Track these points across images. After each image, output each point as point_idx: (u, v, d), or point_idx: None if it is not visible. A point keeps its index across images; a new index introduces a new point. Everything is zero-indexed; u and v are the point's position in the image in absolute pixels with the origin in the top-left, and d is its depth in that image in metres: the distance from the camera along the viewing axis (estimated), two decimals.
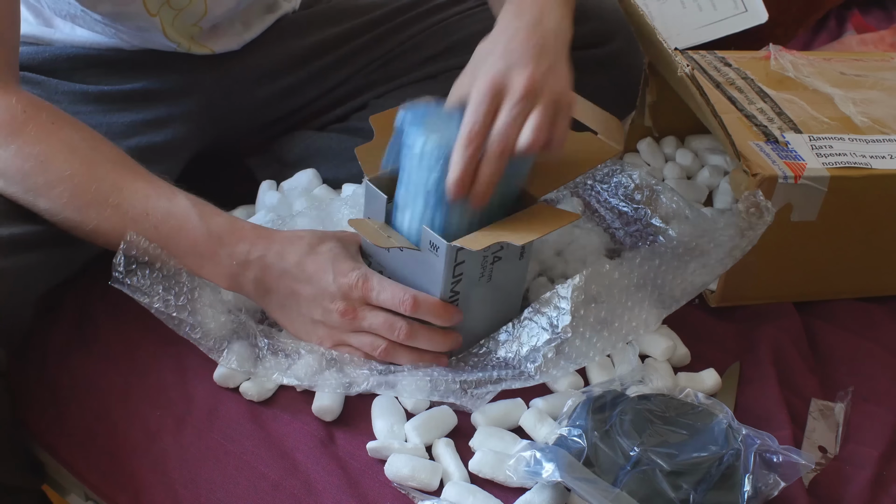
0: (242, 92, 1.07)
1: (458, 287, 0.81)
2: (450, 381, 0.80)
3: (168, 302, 0.82)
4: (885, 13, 1.65)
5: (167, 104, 1.01)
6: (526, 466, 0.74)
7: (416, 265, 0.81)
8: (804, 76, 1.12)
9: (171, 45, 0.97)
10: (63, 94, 0.96)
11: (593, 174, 1.04)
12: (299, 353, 0.83)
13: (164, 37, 0.95)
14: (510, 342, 0.82)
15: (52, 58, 0.97)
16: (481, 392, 0.80)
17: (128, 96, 0.99)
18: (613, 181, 1.04)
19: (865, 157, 0.95)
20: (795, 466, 0.74)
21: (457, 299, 0.81)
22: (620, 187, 1.03)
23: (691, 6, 1.40)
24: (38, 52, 0.97)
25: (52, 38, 0.98)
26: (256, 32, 1.06)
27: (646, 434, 0.74)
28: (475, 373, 0.81)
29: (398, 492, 0.76)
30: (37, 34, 0.98)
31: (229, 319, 0.85)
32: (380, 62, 1.13)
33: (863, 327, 0.98)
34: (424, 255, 0.79)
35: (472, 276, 0.81)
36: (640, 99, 1.16)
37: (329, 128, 1.13)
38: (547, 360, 0.80)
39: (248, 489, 0.78)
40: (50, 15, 0.97)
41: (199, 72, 1.03)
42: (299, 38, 1.10)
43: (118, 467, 0.83)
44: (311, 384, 0.82)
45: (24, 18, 0.97)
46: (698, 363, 0.90)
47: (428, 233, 0.78)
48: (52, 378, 0.89)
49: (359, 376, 0.81)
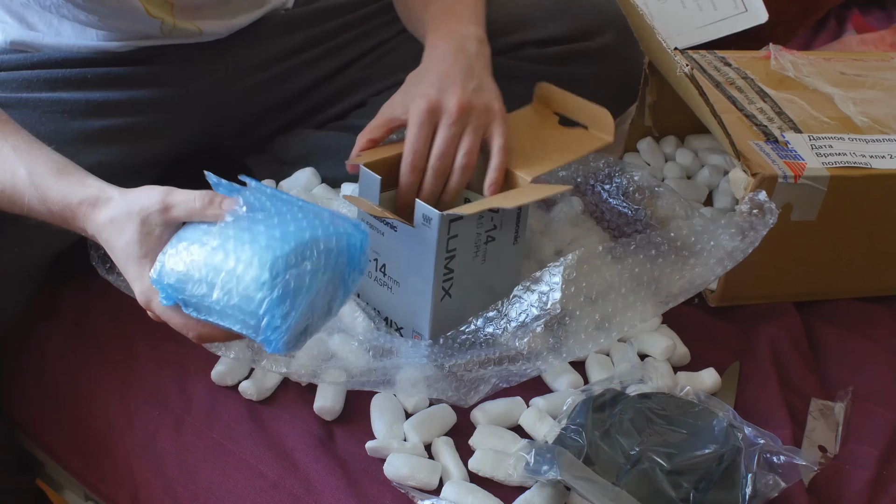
0: (232, 82, 1.06)
1: (453, 265, 0.81)
2: (444, 371, 0.79)
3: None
4: (885, 13, 1.65)
5: (152, 88, 1.00)
6: (526, 465, 0.74)
7: (410, 245, 0.81)
8: (804, 76, 1.12)
9: (155, 21, 0.95)
10: (44, 81, 0.95)
11: (595, 175, 1.04)
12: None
13: (146, 13, 0.94)
14: (498, 319, 0.80)
15: (39, 62, 0.97)
16: (478, 386, 0.79)
17: (112, 82, 0.98)
18: (614, 182, 1.04)
19: (865, 156, 0.95)
20: (796, 468, 0.74)
21: (451, 279, 0.81)
22: (621, 188, 1.03)
23: (691, 6, 1.40)
24: (26, 58, 0.97)
25: (40, 42, 0.98)
26: (244, 21, 1.05)
27: (646, 433, 0.74)
28: (464, 354, 0.80)
29: (398, 491, 0.76)
30: (24, 39, 0.97)
31: None
32: (374, 55, 1.13)
33: (863, 327, 0.98)
34: (418, 230, 0.80)
35: (467, 255, 0.81)
36: (640, 99, 1.16)
37: (328, 126, 1.13)
38: (536, 337, 0.79)
39: (248, 488, 0.78)
40: (34, 20, 0.97)
41: (190, 63, 1.02)
42: (291, 33, 1.10)
43: (117, 467, 0.83)
44: (310, 378, 0.82)
45: (7, 23, 0.97)
46: (698, 363, 0.90)
47: (420, 206, 0.79)
48: (50, 378, 0.89)
49: (358, 372, 0.81)
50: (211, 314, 0.66)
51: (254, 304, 0.63)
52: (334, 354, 0.82)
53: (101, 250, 0.78)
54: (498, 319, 0.81)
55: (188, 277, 0.66)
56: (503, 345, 0.80)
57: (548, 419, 0.80)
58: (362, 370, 0.81)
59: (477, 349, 0.80)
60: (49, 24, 0.97)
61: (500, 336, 0.80)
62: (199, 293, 0.66)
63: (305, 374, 0.82)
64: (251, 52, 1.06)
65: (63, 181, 0.75)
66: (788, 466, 0.74)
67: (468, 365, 0.79)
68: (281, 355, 0.65)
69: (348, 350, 0.82)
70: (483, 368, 0.79)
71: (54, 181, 0.75)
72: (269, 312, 0.63)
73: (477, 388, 0.79)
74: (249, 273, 0.63)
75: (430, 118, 0.84)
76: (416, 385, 0.80)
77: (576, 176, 1.03)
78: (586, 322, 0.80)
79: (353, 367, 0.81)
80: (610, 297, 0.81)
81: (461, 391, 0.79)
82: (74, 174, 0.76)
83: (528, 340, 0.79)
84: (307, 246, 0.64)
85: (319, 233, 0.64)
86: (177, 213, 0.70)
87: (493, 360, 0.79)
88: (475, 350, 0.80)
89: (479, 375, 0.79)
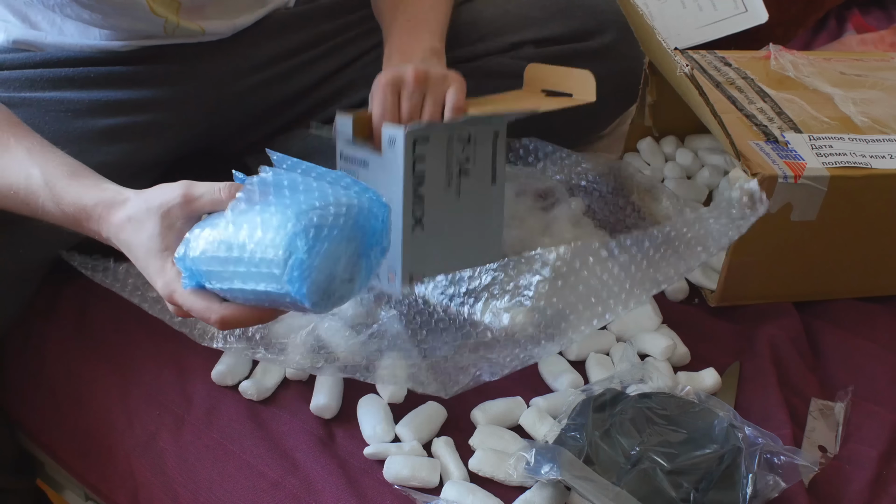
0: (233, 81, 1.06)
1: (423, 191, 0.81)
2: (427, 361, 0.79)
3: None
4: (885, 13, 1.65)
5: (154, 88, 1.00)
6: (526, 465, 0.74)
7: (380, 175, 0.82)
8: (804, 76, 1.12)
9: (158, 20, 0.95)
10: (47, 80, 0.96)
11: (596, 176, 1.04)
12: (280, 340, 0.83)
13: (150, 11, 0.94)
14: (477, 301, 0.80)
15: (42, 61, 0.97)
16: (458, 378, 0.79)
17: (114, 81, 0.98)
18: (615, 183, 1.04)
19: (865, 156, 0.95)
20: (796, 468, 0.74)
21: (422, 208, 0.81)
22: (622, 189, 1.03)
23: (692, 6, 1.40)
24: (29, 57, 0.97)
25: (43, 41, 0.98)
26: (247, 22, 1.05)
27: (646, 433, 0.74)
28: (445, 338, 0.79)
29: (398, 490, 0.76)
30: (27, 38, 0.97)
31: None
32: (373, 56, 1.13)
33: (863, 327, 0.98)
34: (385, 157, 0.81)
35: (438, 182, 0.82)
36: (640, 99, 1.16)
37: (328, 126, 1.13)
38: (515, 323, 0.78)
39: (248, 488, 0.78)
40: (37, 19, 0.97)
41: (192, 63, 1.03)
42: (292, 32, 1.10)
43: (117, 467, 0.83)
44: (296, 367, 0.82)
45: (10, 22, 0.97)
46: (698, 363, 0.90)
47: (386, 128, 0.82)
48: (50, 378, 0.89)
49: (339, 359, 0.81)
50: (234, 279, 0.66)
51: (278, 251, 0.64)
52: (324, 345, 0.82)
53: (97, 257, 0.79)
54: (477, 302, 0.80)
55: (212, 245, 0.67)
56: (478, 325, 0.79)
57: (548, 419, 0.80)
58: (344, 357, 0.80)
59: (456, 332, 0.79)
60: (52, 22, 0.97)
61: (478, 317, 0.79)
62: (222, 256, 0.66)
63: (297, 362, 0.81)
64: (253, 51, 1.06)
65: (77, 183, 0.76)
66: (789, 467, 0.74)
67: (453, 357, 0.78)
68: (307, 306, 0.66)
69: (339, 338, 0.82)
70: (471, 353, 0.78)
71: (68, 183, 0.76)
72: (293, 253, 0.64)
73: (457, 379, 0.78)
74: (272, 226, 0.65)
75: (393, 88, 0.88)
76: (397, 376, 0.80)
77: (576, 178, 1.03)
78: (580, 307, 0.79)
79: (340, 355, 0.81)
80: (603, 279, 0.79)
81: (446, 383, 0.78)
82: (89, 177, 0.77)
83: (513, 323, 0.78)
84: (330, 203, 0.65)
85: (343, 197, 0.66)
86: (200, 205, 0.71)
87: (481, 344, 0.78)
88: (455, 332, 0.79)
89: (461, 365, 0.78)
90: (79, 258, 0.84)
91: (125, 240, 0.73)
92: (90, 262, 0.84)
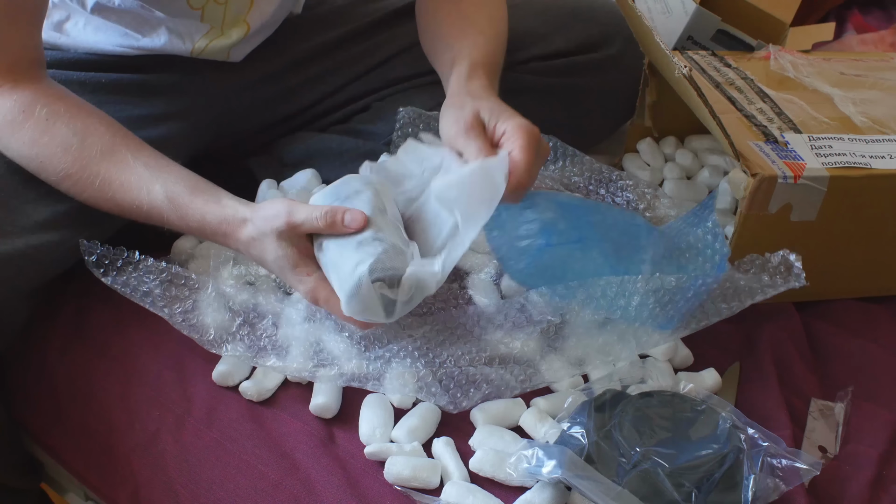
0: (243, 93, 1.07)
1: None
2: (436, 374, 0.80)
3: (156, 293, 0.85)
4: (885, 13, 1.65)
5: (165, 99, 1.01)
6: (527, 464, 0.74)
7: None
8: (804, 76, 1.12)
9: (195, 12, 0.97)
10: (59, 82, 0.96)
11: (597, 179, 1.04)
12: (288, 349, 0.83)
13: (188, 4, 0.95)
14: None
15: (57, 62, 0.98)
16: (469, 390, 0.80)
17: (125, 88, 0.99)
18: (615, 184, 1.04)
19: (865, 157, 0.95)
20: (797, 471, 0.74)
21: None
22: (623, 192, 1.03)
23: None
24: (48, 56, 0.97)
25: (65, 43, 0.98)
26: (261, 39, 1.06)
27: (647, 433, 0.74)
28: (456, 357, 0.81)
29: (398, 491, 0.76)
30: (48, 39, 0.98)
31: (225, 317, 0.85)
32: (379, 68, 1.13)
33: (863, 327, 0.98)
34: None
35: None
36: (640, 99, 1.16)
37: (330, 129, 1.13)
38: (529, 349, 0.82)
39: (248, 489, 0.78)
40: (59, 19, 0.97)
41: (201, 72, 1.03)
42: (300, 41, 1.10)
43: (117, 467, 0.83)
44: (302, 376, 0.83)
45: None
46: (699, 363, 0.90)
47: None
48: (51, 378, 0.90)
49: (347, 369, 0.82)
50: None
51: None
52: (328, 351, 0.83)
53: (95, 256, 0.84)
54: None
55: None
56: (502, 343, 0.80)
57: (548, 419, 0.80)
58: (354, 368, 0.81)
59: (468, 344, 0.81)
60: (74, 27, 0.97)
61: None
62: None
63: (302, 370, 0.82)
64: (262, 62, 1.07)
65: (199, 199, 0.83)
66: (790, 470, 0.74)
67: (465, 370, 0.80)
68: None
69: (343, 347, 0.83)
70: (483, 367, 0.80)
71: (190, 200, 0.83)
72: None
73: (468, 393, 0.80)
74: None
75: (534, 145, 0.82)
76: (406, 387, 0.80)
77: (578, 179, 1.03)
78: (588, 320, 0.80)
79: (345, 365, 0.82)
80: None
81: (456, 397, 0.79)
82: (207, 191, 0.84)
83: (525, 349, 0.81)
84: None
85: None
86: (303, 230, 0.79)
87: (496, 357, 0.80)
88: (466, 345, 0.81)
89: (473, 379, 0.80)
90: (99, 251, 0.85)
91: (256, 256, 0.82)
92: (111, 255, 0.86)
